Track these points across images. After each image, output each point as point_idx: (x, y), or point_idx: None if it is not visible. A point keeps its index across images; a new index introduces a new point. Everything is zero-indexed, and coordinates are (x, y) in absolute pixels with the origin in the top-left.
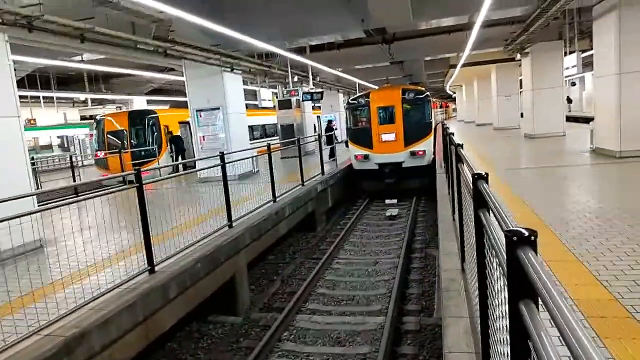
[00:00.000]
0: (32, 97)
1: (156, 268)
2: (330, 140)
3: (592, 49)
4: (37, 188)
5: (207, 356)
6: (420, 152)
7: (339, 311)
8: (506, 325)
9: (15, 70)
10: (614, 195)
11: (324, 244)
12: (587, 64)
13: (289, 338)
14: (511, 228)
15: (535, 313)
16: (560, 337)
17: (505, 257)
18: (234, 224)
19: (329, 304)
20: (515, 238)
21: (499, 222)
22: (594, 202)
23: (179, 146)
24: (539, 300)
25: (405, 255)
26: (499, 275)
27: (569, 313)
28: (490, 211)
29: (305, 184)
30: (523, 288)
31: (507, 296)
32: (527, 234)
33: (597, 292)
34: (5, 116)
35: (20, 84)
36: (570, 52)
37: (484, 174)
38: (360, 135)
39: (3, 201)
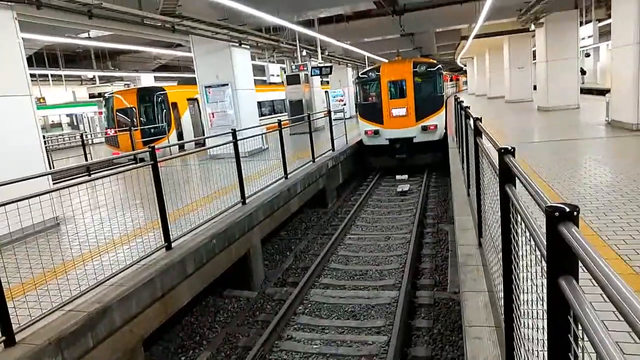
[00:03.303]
0: (40, 75)
1: (173, 245)
2: None
3: (608, 18)
4: (50, 167)
5: (224, 330)
6: (432, 127)
7: (352, 285)
8: (536, 300)
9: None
10: (630, 169)
11: (335, 219)
12: (602, 34)
13: (304, 312)
14: (550, 204)
15: (577, 288)
16: (617, 312)
17: (542, 232)
18: (247, 201)
19: (342, 278)
20: (557, 214)
21: (534, 198)
22: (610, 176)
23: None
24: (580, 276)
25: (417, 230)
26: (529, 250)
27: (624, 288)
28: (523, 186)
29: (315, 160)
30: (564, 264)
31: (545, 271)
32: (569, 209)
33: (618, 266)
34: (17, 95)
35: (29, 62)
36: (586, 22)
37: (510, 148)
38: (371, 110)
39: (20, 180)
